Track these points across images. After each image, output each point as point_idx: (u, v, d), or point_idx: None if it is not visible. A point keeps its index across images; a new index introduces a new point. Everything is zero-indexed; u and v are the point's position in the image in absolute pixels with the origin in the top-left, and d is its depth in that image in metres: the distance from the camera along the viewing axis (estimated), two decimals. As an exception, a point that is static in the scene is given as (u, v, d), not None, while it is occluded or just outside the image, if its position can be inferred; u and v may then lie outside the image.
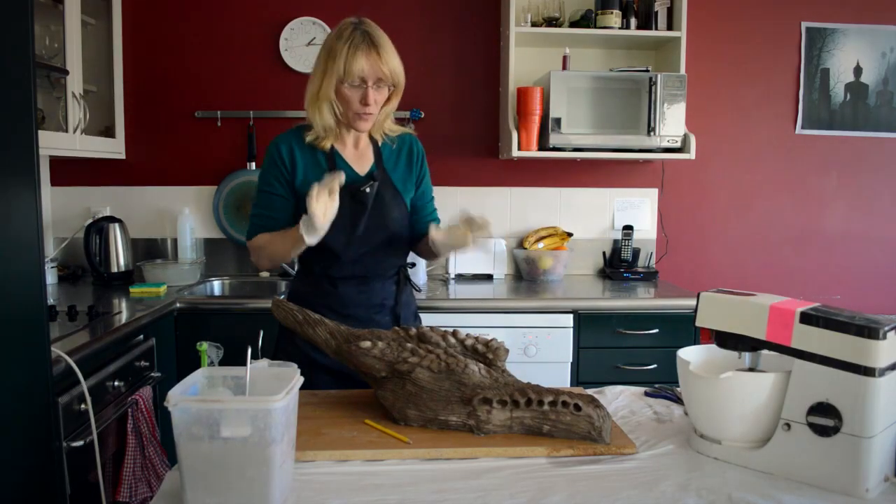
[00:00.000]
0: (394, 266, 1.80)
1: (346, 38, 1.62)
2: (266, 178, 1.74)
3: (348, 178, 1.70)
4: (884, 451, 1.06)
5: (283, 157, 1.73)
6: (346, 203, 1.67)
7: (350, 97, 1.64)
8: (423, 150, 1.87)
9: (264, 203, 1.74)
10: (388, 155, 1.80)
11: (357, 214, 1.70)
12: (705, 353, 1.29)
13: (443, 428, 1.28)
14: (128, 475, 1.91)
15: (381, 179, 1.74)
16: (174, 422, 0.97)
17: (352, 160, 1.76)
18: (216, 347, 2.45)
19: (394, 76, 1.66)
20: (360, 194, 1.70)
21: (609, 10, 2.83)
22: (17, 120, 1.39)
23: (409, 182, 1.81)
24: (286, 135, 1.77)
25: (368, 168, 1.76)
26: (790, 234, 3.29)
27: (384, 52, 1.63)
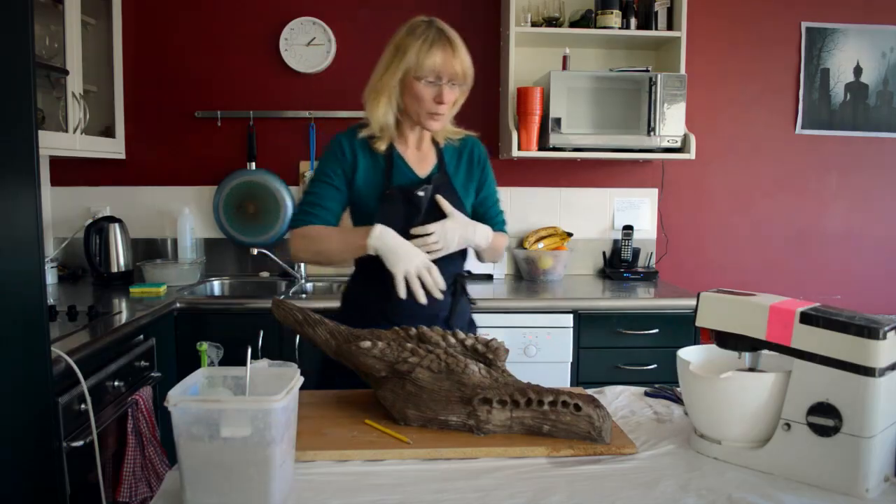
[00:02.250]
0: (449, 275, 1.67)
1: (419, 34, 1.60)
2: (325, 170, 1.69)
3: (407, 181, 1.68)
4: (884, 451, 1.06)
5: (346, 153, 1.68)
6: (401, 207, 1.64)
7: (423, 94, 1.60)
8: (486, 154, 1.81)
9: (319, 193, 1.67)
10: (449, 157, 1.75)
11: (411, 218, 1.64)
12: (705, 353, 1.29)
13: (443, 428, 1.28)
14: (128, 475, 1.91)
15: (441, 182, 1.69)
16: (174, 422, 0.97)
17: (413, 162, 1.71)
18: (216, 347, 2.45)
19: (467, 75, 1.62)
20: (414, 198, 1.64)
21: (609, 10, 2.83)
22: (17, 120, 1.39)
23: (470, 186, 1.76)
24: (349, 132, 1.72)
25: (429, 171, 1.71)
26: (790, 234, 3.29)
27: (459, 49, 1.61)
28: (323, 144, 3.07)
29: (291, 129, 3.10)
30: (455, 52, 1.59)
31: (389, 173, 1.67)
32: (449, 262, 1.68)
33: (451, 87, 1.61)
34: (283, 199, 3.08)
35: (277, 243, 3.10)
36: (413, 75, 1.59)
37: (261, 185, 3.07)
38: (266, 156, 3.09)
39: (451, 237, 1.61)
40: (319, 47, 3.03)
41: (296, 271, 3.02)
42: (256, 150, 3.07)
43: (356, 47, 3.07)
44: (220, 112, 3.05)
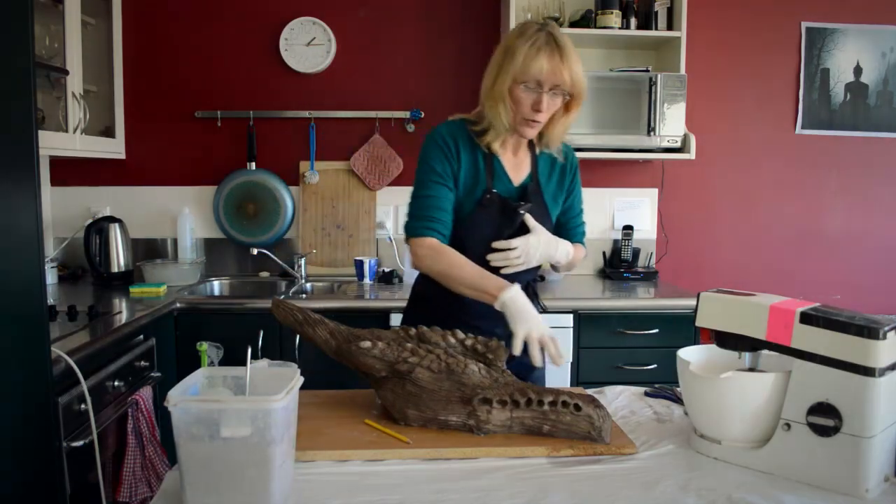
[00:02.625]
0: (523, 281, 1.64)
1: (528, 36, 1.52)
2: (435, 167, 1.61)
3: (503, 188, 1.65)
4: (884, 451, 1.06)
5: (451, 148, 1.62)
6: (495, 214, 1.63)
7: (522, 100, 1.54)
8: (577, 163, 1.77)
9: (437, 196, 1.61)
10: (543, 166, 1.71)
11: (503, 228, 1.62)
12: (705, 353, 1.29)
13: (443, 428, 1.28)
14: (128, 475, 1.91)
15: (534, 192, 1.66)
16: (174, 422, 0.97)
17: (509, 168, 1.67)
18: (216, 347, 2.46)
19: (575, 83, 1.53)
20: (511, 213, 1.62)
21: (609, 10, 2.83)
22: (17, 120, 1.39)
23: (559, 196, 1.73)
24: (451, 124, 1.66)
25: (523, 178, 1.68)
26: (790, 234, 3.29)
27: (567, 56, 1.51)
28: (323, 144, 3.09)
29: (291, 129, 3.10)
30: (563, 59, 1.50)
31: (490, 177, 1.63)
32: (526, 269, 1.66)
33: (553, 95, 1.54)
34: (283, 199, 3.08)
35: (277, 243, 3.10)
36: (515, 81, 1.53)
37: (261, 185, 3.07)
38: (266, 156, 3.09)
39: (534, 253, 1.59)
40: (319, 47, 3.03)
41: (296, 271, 3.02)
42: (256, 150, 3.07)
43: (356, 47, 3.07)
44: (220, 112, 3.05)
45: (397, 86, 3.10)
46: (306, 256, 3.05)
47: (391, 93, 3.10)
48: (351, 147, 3.09)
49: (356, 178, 3.10)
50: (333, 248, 3.12)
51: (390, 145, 3.08)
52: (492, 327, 1.59)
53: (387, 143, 3.08)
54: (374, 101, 3.08)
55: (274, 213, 3.08)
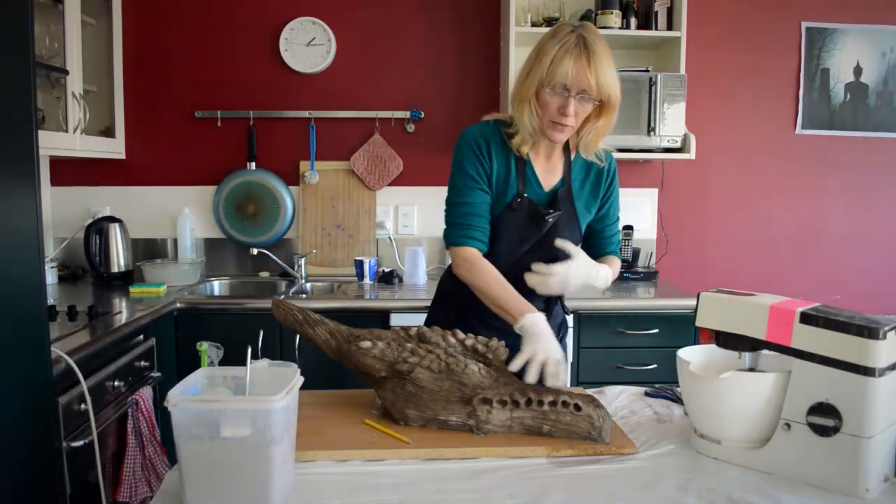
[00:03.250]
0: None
1: (559, 38, 1.48)
2: (467, 171, 1.60)
3: (533, 193, 1.63)
4: (884, 451, 1.06)
5: (484, 151, 1.60)
6: (524, 219, 1.62)
7: (549, 103, 1.50)
8: (616, 170, 1.73)
9: (473, 202, 1.60)
10: (577, 172, 1.68)
11: (529, 235, 1.62)
12: (705, 353, 1.29)
13: (443, 428, 1.28)
14: (128, 475, 1.91)
15: (564, 199, 1.64)
16: (174, 422, 0.97)
17: (541, 173, 1.65)
18: (216, 347, 2.46)
19: (602, 89, 1.49)
20: (540, 220, 1.61)
21: (609, 10, 2.83)
22: (17, 120, 1.39)
23: (592, 204, 1.70)
24: (483, 128, 1.64)
25: (554, 184, 1.65)
26: (790, 234, 3.29)
27: (596, 60, 1.48)
28: (323, 144, 3.09)
29: (291, 129, 3.09)
30: (591, 63, 1.47)
31: (521, 182, 1.62)
32: None
33: (581, 100, 1.50)
34: (283, 199, 3.08)
35: (277, 243, 3.10)
36: (542, 84, 1.50)
37: (261, 185, 3.07)
38: (266, 156, 3.09)
39: (572, 281, 1.53)
40: (319, 47, 3.03)
41: (296, 271, 3.02)
42: (256, 150, 3.07)
43: (356, 47, 3.07)
44: (220, 112, 3.05)
45: (397, 86, 3.10)
46: (306, 256, 3.05)
47: (391, 93, 3.10)
48: (351, 147, 3.09)
49: (356, 178, 3.10)
50: (333, 248, 3.12)
51: (390, 145, 3.08)
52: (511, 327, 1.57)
53: (387, 143, 3.08)
54: (374, 101, 3.08)
55: (274, 213, 3.08)
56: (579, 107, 1.51)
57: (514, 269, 1.60)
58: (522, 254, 1.64)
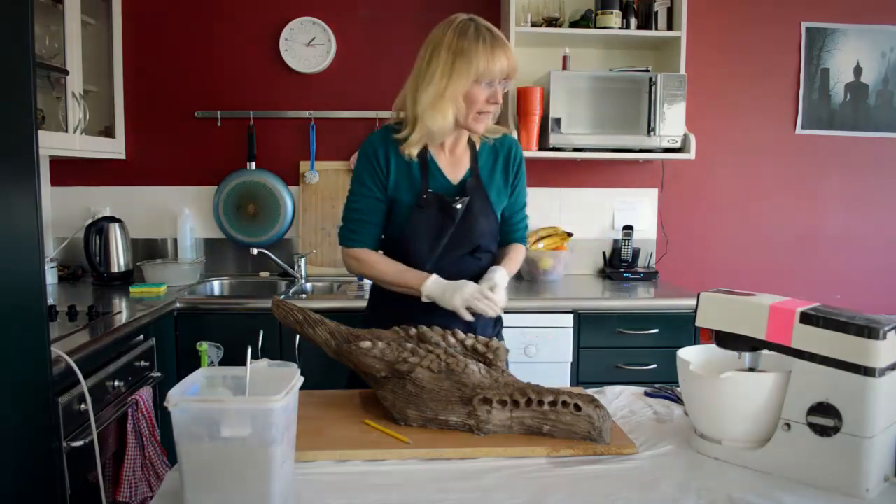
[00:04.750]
0: (475, 275, 1.69)
1: (473, 36, 1.57)
2: (362, 179, 1.68)
3: (440, 187, 1.66)
4: (884, 451, 1.06)
5: (380, 159, 1.66)
6: (434, 214, 1.64)
7: (477, 97, 1.57)
8: (522, 155, 1.78)
9: (362, 209, 1.69)
10: (484, 161, 1.71)
11: (444, 227, 1.65)
12: (705, 353, 1.29)
13: (443, 428, 1.28)
14: (128, 475, 1.91)
15: (473, 188, 1.67)
16: (174, 422, 0.97)
17: (446, 167, 1.69)
18: (216, 347, 2.46)
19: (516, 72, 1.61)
20: (449, 209, 1.64)
21: (609, 10, 2.83)
22: (17, 120, 1.39)
23: (503, 191, 1.73)
24: (380, 134, 1.70)
25: (462, 175, 1.69)
26: (790, 234, 3.29)
27: (510, 47, 1.60)
28: (323, 144, 3.09)
29: (291, 129, 3.10)
30: (509, 51, 1.58)
31: (425, 179, 1.65)
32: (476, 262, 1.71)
33: (504, 86, 1.60)
34: (283, 199, 3.08)
35: (277, 243, 3.10)
36: (477, 81, 1.56)
37: (261, 185, 3.07)
38: (266, 156, 3.09)
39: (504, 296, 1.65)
40: (319, 47, 3.03)
41: (296, 271, 3.02)
42: (256, 150, 3.07)
43: (356, 47, 3.07)
44: (220, 112, 3.05)
45: (397, 86, 3.08)
46: (306, 256, 3.05)
47: (391, 93, 3.05)
48: (351, 147, 3.09)
49: (356, 178, 3.10)
50: (333, 248, 3.12)
51: (390, 145, 3.08)
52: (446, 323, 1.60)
53: (387, 143, 3.08)
54: (374, 101, 3.08)
55: (274, 213, 3.08)
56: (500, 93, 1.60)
57: (438, 266, 1.65)
58: (443, 250, 1.66)
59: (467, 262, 1.70)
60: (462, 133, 1.69)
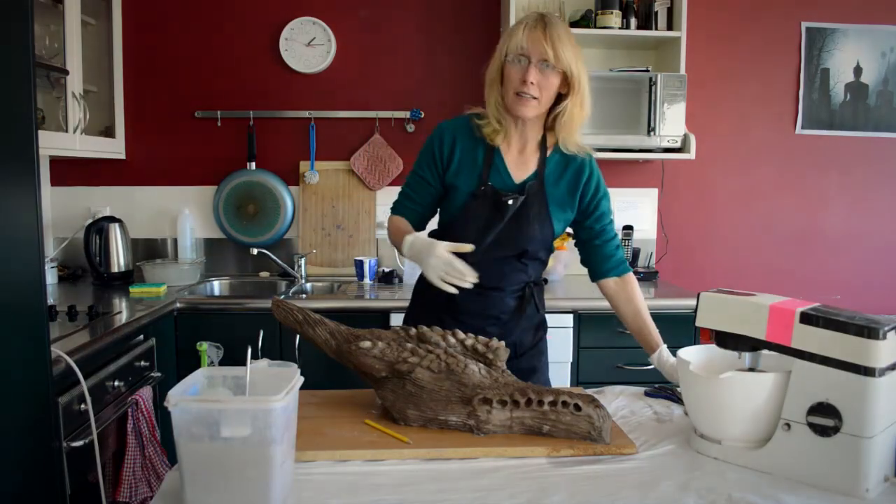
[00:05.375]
0: (519, 282, 1.69)
1: (521, 20, 1.57)
2: (420, 162, 1.71)
3: (502, 184, 1.64)
4: (884, 451, 1.06)
5: (443, 146, 1.66)
6: (487, 206, 1.63)
7: (511, 75, 1.55)
8: (600, 175, 1.70)
9: (412, 185, 1.73)
10: (552, 168, 1.67)
11: (493, 223, 1.62)
12: (705, 353, 1.29)
13: (443, 428, 1.28)
14: (128, 475, 1.91)
15: (534, 191, 1.64)
16: (174, 422, 0.97)
17: (512, 165, 1.66)
18: (216, 347, 2.46)
19: (560, 58, 1.52)
20: (501, 204, 1.61)
21: (609, 10, 2.83)
22: (17, 120, 1.39)
23: (567, 204, 1.67)
24: (454, 122, 1.70)
25: (526, 177, 1.65)
26: (790, 234, 3.29)
27: (552, 29, 1.52)
28: (323, 144, 3.09)
29: (291, 129, 3.10)
30: (547, 32, 1.51)
31: (486, 172, 1.64)
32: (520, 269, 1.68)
33: (543, 69, 1.53)
34: (283, 199, 3.08)
35: (277, 243, 3.10)
36: (504, 57, 1.56)
37: (261, 185, 3.07)
38: (266, 156, 3.09)
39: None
40: (319, 47, 3.03)
41: (296, 271, 3.02)
42: (256, 150, 3.07)
43: (356, 47, 3.06)
44: (220, 112, 3.05)
45: (397, 86, 3.10)
46: (306, 256, 3.05)
47: (391, 93, 3.10)
48: (351, 147, 3.09)
49: (356, 178, 3.10)
50: (333, 248, 3.12)
51: (390, 145, 3.08)
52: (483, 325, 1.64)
53: (387, 143, 3.08)
54: (374, 101, 3.08)
55: (274, 213, 3.08)
56: (541, 78, 1.54)
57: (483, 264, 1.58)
58: (489, 246, 1.63)
59: (512, 265, 1.66)
60: (529, 133, 1.65)
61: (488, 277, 1.59)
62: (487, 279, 1.58)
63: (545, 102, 1.58)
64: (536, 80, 1.53)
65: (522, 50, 1.53)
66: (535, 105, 1.56)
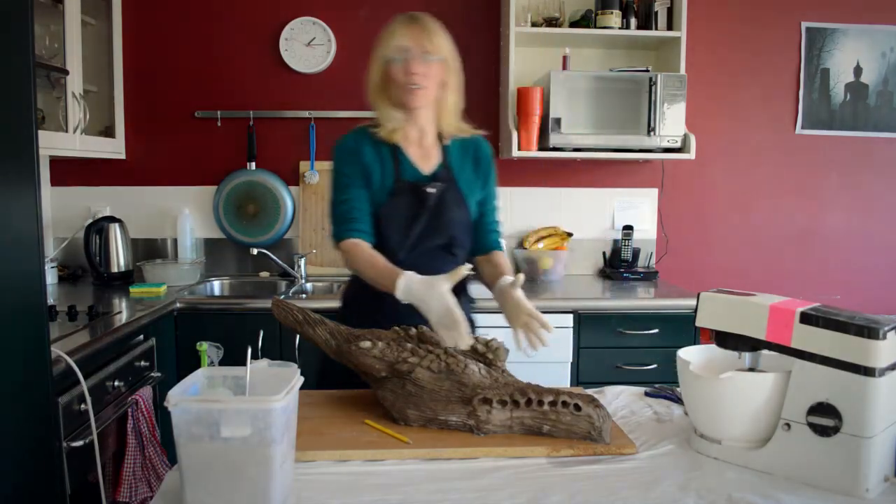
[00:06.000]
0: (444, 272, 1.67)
1: (393, 22, 1.65)
2: (343, 172, 1.70)
3: (412, 177, 1.69)
4: (884, 451, 1.06)
5: (357, 151, 1.70)
6: (408, 200, 1.66)
7: (396, 73, 1.62)
8: (491, 154, 1.80)
9: (350, 198, 1.67)
10: (454, 155, 1.74)
11: (416, 215, 1.66)
12: (705, 353, 1.29)
13: (443, 428, 1.28)
14: (128, 475, 1.91)
15: (445, 179, 1.70)
16: (174, 422, 0.97)
17: (417, 158, 1.71)
18: (216, 347, 2.46)
19: (439, 49, 1.62)
20: (422, 194, 1.66)
21: (609, 10, 2.83)
22: (17, 120, 1.39)
23: (475, 185, 1.75)
24: (353, 133, 1.75)
25: (433, 167, 1.71)
26: (790, 234, 3.29)
27: (426, 24, 1.62)
28: (323, 144, 3.09)
29: (291, 129, 3.09)
30: (420, 26, 1.61)
31: (397, 169, 1.68)
32: (450, 258, 1.70)
33: (426, 60, 1.61)
34: (283, 199, 3.08)
35: (277, 243, 3.10)
36: (385, 61, 1.62)
37: (261, 185, 3.07)
38: (266, 156, 3.09)
39: None
40: (319, 47, 3.03)
41: (296, 271, 3.02)
42: (256, 150, 3.07)
43: (356, 47, 3.06)
44: (220, 112, 3.05)
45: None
46: (306, 256, 3.05)
47: (391, 93, 3.09)
48: (351, 147, 3.09)
49: (356, 178, 3.10)
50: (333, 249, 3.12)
51: (390, 145, 3.08)
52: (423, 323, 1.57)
53: (387, 143, 3.08)
54: (374, 101, 3.08)
55: (274, 213, 3.08)
56: (425, 68, 1.61)
57: (413, 257, 1.64)
58: (417, 240, 1.66)
59: (443, 257, 1.70)
60: (424, 125, 1.71)
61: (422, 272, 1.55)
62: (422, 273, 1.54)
63: (433, 91, 1.65)
64: (421, 71, 1.61)
65: (403, 46, 1.60)
66: (424, 94, 1.63)
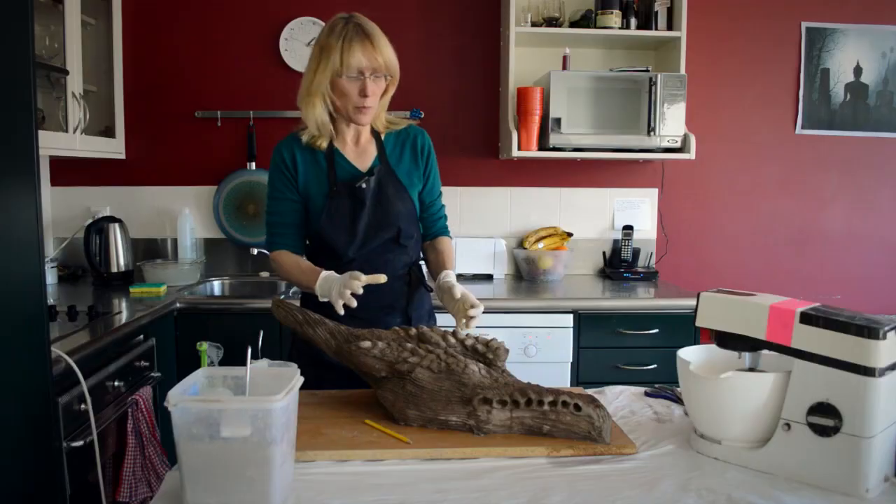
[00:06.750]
0: (404, 265, 1.75)
1: (338, 32, 1.61)
2: (274, 185, 1.75)
3: (349, 177, 1.70)
4: (884, 451, 1.06)
5: (287, 162, 1.73)
6: (347, 200, 1.68)
7: (348, 90, 1.63)
8: (431, 143, 1.82)
9: (278, 211, 1.75)
10: (391, 148, 1.77)
11: (356, 212, 1.69)
12: (705, 353, 1.29)
13: (443, 428, 1.28)
14: (128, 475, 1.91)
15: (383, 173, 1.72)
16: (174, 422, 0.97)
17: (352, 157, 1.74)
18: (216, 347, 2.46)
19: (389, 66, 1.65)
20: (356, 191, 1.68)
21: (609, 10, 2.83)
22: (17, 120, 1.39)
23: (414, 175, 1.77)
24: (286, 140, 1.77)
25: (370, 164, 1.74)
26: (790, 234, 3.29)
27: (378, 42, 1.63)
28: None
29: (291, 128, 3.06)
30: (374, 45, 1.61)
31: (332, 171, 1.71)
32: (401, 250, 1.74)
33: (376, 79, 1.64)
34: (283, 199, 3.08)
35: (277, 243, 3.10)
36: (338, 75, 1.62)
37: (261, 185, 3.06)
38: (266, 156, 3.08)
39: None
40: (319, 47, 3.02)
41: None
42: (256, 150, 3.07)
43: (356, 47, 3.06)
44: (220, 112, 3.05)
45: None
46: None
47: (391, 93, 3.09)
48: (351, 147, 3.09)
49: (356, 178, 3.10)
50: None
51: (390, 145, 3.08)
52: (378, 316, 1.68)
53: (387, 143, 3.08)
54: (374, 101, 3.08)
55: (274, 213, 3.08)
56: (375, 86, 1.64)
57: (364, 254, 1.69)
58: (364, 237, 1.69)
59: (393, 250, 1.72)
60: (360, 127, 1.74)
61: (374, 268, 1.61)
62: (373, 269, 1.59)
63: (378, 103, 1.70)
64: (375, 91, 1.65)
65: (361, 67, 1.60)
66: (373, 111, 1.68)
